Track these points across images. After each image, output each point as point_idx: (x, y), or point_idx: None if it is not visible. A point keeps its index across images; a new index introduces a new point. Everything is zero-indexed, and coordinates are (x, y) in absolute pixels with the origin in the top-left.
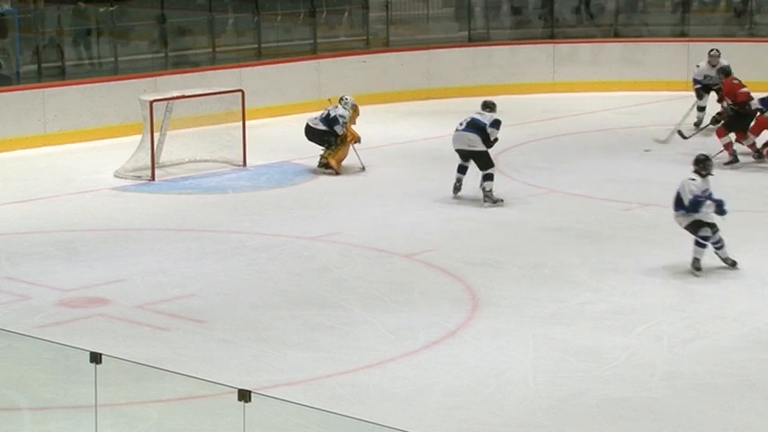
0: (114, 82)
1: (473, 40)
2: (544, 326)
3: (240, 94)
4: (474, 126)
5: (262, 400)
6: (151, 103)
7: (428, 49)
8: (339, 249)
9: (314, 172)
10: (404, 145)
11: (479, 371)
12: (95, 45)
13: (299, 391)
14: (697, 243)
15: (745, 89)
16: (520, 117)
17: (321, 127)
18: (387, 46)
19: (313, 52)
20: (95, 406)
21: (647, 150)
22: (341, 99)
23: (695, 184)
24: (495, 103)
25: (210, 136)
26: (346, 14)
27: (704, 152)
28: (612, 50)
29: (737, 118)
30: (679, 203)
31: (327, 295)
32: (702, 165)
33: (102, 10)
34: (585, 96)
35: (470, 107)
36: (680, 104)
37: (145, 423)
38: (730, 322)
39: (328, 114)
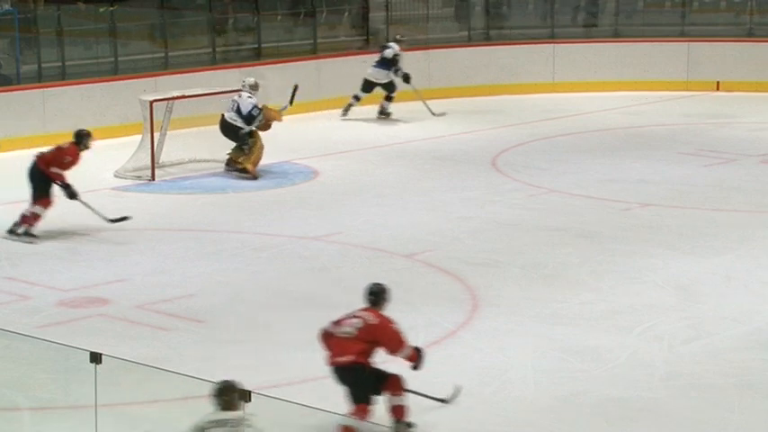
0: (114, 82)
1: (473, 40)
2: (544, 326)
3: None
4: None
5: (262, 400)
6: (151, 103)
7: (428, 49)
8: (339, 249)
9: (228, 173)
10: (404, 145)
11: (479, 371)
12: (95, 45)
13: (299, 391)
14: None
15: None
16: (520, 117)
17: (238, 123)
18: None
19: (313, 52)
20: (95, 406)
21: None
22: (246, 85)
23: None
24: None
25: (210, 136)
26: (346, 14)
27: None
28: (612, 50)
29: None
30: None
31: (327, 295)
32: None
33: (102, 10)
34: (585, 96)
35: (470, 107)
36: (680, 104)
37: (145, 423)
38: (730, 322)
39: (238, 107)
